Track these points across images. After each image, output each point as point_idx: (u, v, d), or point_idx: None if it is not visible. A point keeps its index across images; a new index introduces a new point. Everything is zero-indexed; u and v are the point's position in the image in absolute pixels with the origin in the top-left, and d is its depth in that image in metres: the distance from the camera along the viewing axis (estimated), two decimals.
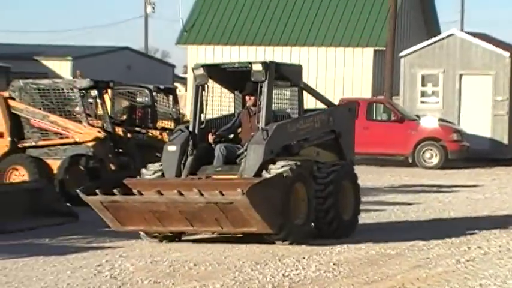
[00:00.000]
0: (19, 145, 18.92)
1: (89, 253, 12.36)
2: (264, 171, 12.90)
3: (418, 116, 30.65)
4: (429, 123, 29.75)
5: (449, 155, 29.26)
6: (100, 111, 19.49)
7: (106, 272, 10.89)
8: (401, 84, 33.08)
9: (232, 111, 14.94)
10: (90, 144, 18.45)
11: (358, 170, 14.62)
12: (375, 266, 11.57)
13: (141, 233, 13.40)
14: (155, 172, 13.58)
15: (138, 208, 12.73)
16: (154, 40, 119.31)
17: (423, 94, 32.31)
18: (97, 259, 11.84)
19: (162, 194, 12.57)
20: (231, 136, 14.11)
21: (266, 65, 13.49)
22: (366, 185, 22.81)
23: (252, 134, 13.37)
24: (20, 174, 18.13)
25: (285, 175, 12.64)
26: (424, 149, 29.44)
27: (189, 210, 12.48)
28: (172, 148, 13.61)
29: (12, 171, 18.34)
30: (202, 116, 14.01)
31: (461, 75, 31.61)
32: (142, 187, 13.13)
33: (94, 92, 19.57)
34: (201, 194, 12.27)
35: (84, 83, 19.56)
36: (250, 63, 13.63)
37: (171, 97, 22.91)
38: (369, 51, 38.45)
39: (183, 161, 13.44)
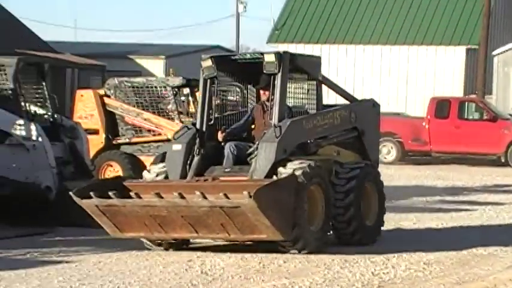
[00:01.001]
0: (113, 142, 19.30)
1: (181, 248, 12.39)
2: (280, 169, 11.81)
3: (511, 115, 30.15)
4: None
5: None
6: (192, 109, 19.65)
7: (197, 267, 10.98)
8: (494, 83, 32.63)
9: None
10: None
11: (449, 169, 14.28)
12: (466, 266, 11.39)
13: (145, 240, 12.35)
14: (158, 174, 12.41)
15: (137, 213, 11.55)
16: (245, 39, 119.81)
17: None
18: (188, 254, 11.93)
19: (162, 197, 11.44)
20: (245, 134, 12.98)
21: (279, 55, 12.30)
22: (456, 185, 22.54)
23: (265, 131, 12.24)
24: (114, 170, 18.53)
25: (298, 176, 11.51)
26: None
27: (192, 215, 11.31)
28: (177, 147, 12.44)
29: (106, 167, 18.74)
30: (211, 112, 12.89)
31: None
32: (142, 189, 11.95)
33: (186, 90, 19.72)
34: (205, 197, 11.13)
35: (177, 81, 19.82)
36: (262, 53, 12.51)
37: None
38: (461, 50, 37.98)
39: (188, 161, 12.30)
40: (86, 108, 19.66)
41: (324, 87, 13.60)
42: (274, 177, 11.65)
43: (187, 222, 11.30)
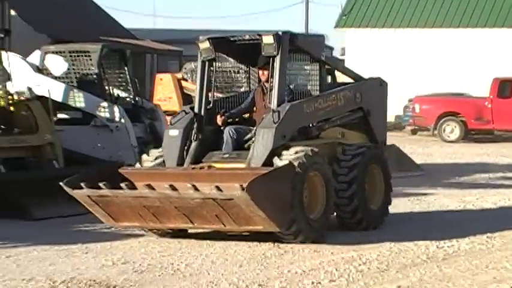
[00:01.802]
0: None
1: None
2: (275, 159, 10.78)
3: None
4: None
5: None
6: None
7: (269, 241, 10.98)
8: None
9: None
10: None
11: (511, 146, 13.86)
12: None
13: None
14: (156, 158, 11.44)
15: (130, 203, 10.58)
16: (314, 24, 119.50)
17: None
18: None
19: (153, 189, 10.45)
20: (246, 116, 12.00)
21: (278, 36, 11.17)
22: None
23: (264, 115, 11.20)
24: None
25: (296, 165, 10.42)
26: None
27: (186, 206, 10.31)
28: (173, 133, 11.36)
29: None
30: (210, 95, 11.78)
31: None
32: (137, 177, 11.00)
33: None
34: (196, 189, 10.10)
35: None
36: (260, 34, 11.34)
37: (329, 77, 22.84)
38: None
39: (186, 147, 11.30)
40: (164, 91, 19.98)
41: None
42: (276, 164, 10.74)
43: (182, 213, 10.38)
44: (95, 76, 16.55)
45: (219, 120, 11.51)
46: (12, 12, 28.01)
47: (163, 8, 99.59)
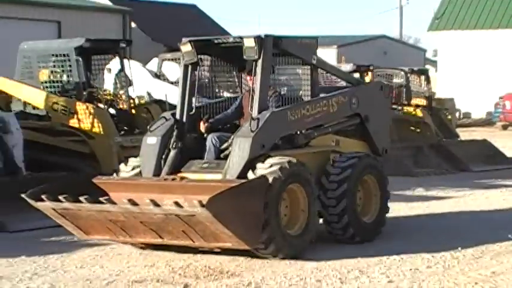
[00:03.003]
0: None
1: None
2: (249, 172, 9.32)
3: None
4: None
5: None
6: None
7: None
8: None
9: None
10: None
11: None
12: None
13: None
14: (134, 168, 10.02)
15: (95, 217, 9.16)
16: (408, 28, 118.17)
17: None
18: None
19: (114, 203, 8.99)
20: (235, 122, 10.40)
21: (260, 39, 9.70)
22: None
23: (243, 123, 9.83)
24: None
25: (271, 178, 8.97)
26: None
27: (151, 222, 8.86)
28: (151, 140, 9.92)
29: None
30: (194, 100, 10.37)
31: None
32: (111, 188, 9.58)
33: (356, 75, 19.81)
34: (156, 205, 8.64)
35: (348, 67, 19.98)
36: (242, 37, 9.85)
37: (423, 77, 22.71)
38: None
39: (164, 156, 9.87)
40: None
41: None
42: (250, 176, 9.30)
43: (149, 228, 8.98)
44: (206, 80, 16.75)
45: (202, 127, 10.10)
46: (133, 25, 28.78)
47: (267, 16, 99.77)
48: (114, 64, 15.47)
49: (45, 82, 14.88)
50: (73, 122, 14.27)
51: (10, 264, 9.18)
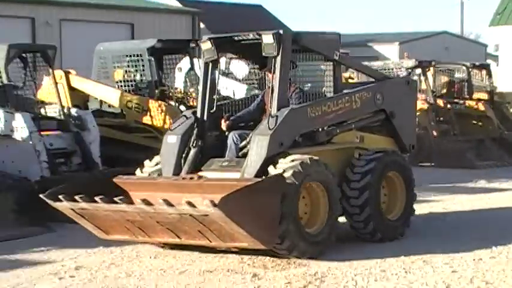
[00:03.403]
0: None
1: None
2: (270, 169, 8.87)
3: None
4: None
5: None
6: (424, 86, 19.58)
7: None
8: None
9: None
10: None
11: None
12: None
13: None
14: (157, 164, 9.69)
15: (113, 217, 8.79)
16: (468, 24, 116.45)
17: None
18: None
19: (131, 203, 8.63)
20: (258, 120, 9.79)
21: (279, 35, 9.21)
22: None
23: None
24: None
25: (288, 176, 8.58)
26: None
27: (167, 222, 8.46)
28: (171, 139, 9.53)
29: None
30: (215, 98, 9.89)
31: None
32: (131, 187, 9.23)
33: (418, 70, 19.70)
34: (170, 205, 8.20)
35: (410, 63, 19.88)
36: (260, 34, 9.34)
37: (484, 72, 22.38)
38: None
39: (184, 154, 9.48)
40: None
41: None
42: (271, 173, 8.85)
43: (166, 228, 8.58)
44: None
45: (224, 124, 9.68)
46: (201, 25, 28.95)
47: (329, 15, 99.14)
48: (184, 63, 15.64)
49: (120, 81, 15.12)
50: (146, 119, 14.46)
51: (89, 254, 9.42)
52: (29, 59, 13.10)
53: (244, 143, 9.34)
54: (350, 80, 19.86)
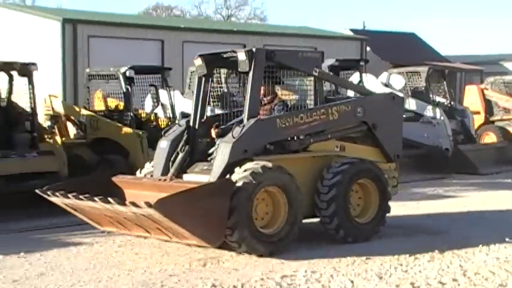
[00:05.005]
0: (490, 119, 19.14)
1: None
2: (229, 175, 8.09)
3: None
4: None
5: None
6: None
7: None
8: None
9: None
10: None
11: None
12: None
13: None
14: (147, 173, 8.99)
15: (95, 212, 8.14)
16: None
17: None
18: None
19: (95, 201, 7.75)
20: None
21: (251, 53, 8.33)
22: None
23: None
24: (490, 138, 18.48)
25: (240, 181, 7.64)
26: None
27: (132, 218, 7.69)
28: (163, 144, 8.86)
29: (485, 136, 18.77)
30: (206, 109, 9.12)
31: None
32: (125, 185, 8.64)
33: None
34: (123, 204, 7.39)
35: None
36: (235, 51, 8.55)
37: None
38: None
39: (172, 158, 8.67)
40: (471, 98, 19.84)
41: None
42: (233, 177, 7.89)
43: (135, 224, 7.85)
44: (423, 88, 17.00)
45: (213, 132, 8.94)
46: (368, 48, 29.34)
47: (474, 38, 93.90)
48: (355, 77, 16.11)
49: None
50: None
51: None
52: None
53: (212, 149, 8.77)
54: (485, 92, 19.41)
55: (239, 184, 7.74)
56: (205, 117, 9.12)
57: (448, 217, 10.17)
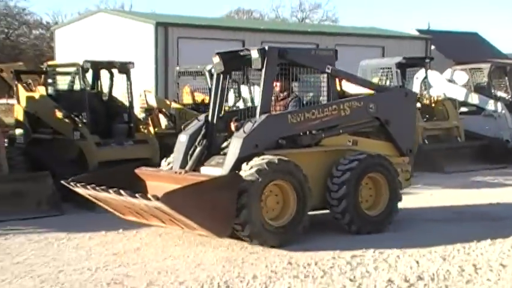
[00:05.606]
0: None
1: None
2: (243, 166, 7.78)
3: None
4: None
5: None
6: None
7: None
8: None
9: None
10: None
11: None
12: None
13: None
14: (169, 163, 8.66)
15: (115, 203, 7.87)
16: None
17: None
18: None
19: (109, 193, 7.47)
20: None
21: (263, 51, 8.02)
22: None
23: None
24: None
25: (248, 175, 7.38)
26: None
27: (147, 210, 7.41)
28: (182, 138, 8.53)
29: None
30: (224, 104, 8.83)
31: None
32: (146, 177, 8.40)
33: None
34: (134, 196, 7.07)
35: None
36: (249, 49, 8.27)
37: None
38: None
39: (190, 152, 8.32)
40: None
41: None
42: (243, 171, 7.59)
43: (151, 215, 7.60)
44: (485, 84, 16.46)
45: (232, 126, 8.53)
46: (432, 47, 28.64)
47: None
48: (421, 74, 15.99)
49: None
50: None
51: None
52: None
53: (225, 143, 8.52)
54: None
55: (247, 181, 7.45)
56: (222, 112, 8.93)
57: (508, 204, 10.02)
